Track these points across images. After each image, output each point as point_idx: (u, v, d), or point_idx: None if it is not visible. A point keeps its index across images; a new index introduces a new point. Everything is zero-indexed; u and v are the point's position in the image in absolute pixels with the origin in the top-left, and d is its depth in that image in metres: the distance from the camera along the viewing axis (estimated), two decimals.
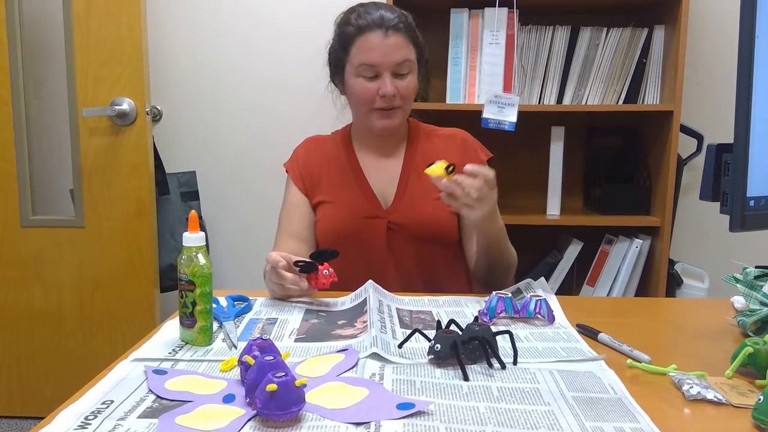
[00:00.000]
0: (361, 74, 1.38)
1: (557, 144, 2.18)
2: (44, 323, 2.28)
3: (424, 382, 0.81)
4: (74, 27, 2.13)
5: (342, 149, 1.51)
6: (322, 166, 1.49)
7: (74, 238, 2.23)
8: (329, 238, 1.42)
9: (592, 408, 0.74)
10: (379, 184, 1.46)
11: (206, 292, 0.95)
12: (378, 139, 1.48)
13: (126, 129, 2.17)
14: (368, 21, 1.36)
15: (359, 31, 1.37)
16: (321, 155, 1.51)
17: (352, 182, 1.46)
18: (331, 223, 1.43)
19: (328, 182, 1.47)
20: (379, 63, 1.35)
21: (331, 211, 1.44)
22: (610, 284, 2.19)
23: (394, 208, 1.43)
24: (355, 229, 1.41)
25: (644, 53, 2.11)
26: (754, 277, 1.06)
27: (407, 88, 1.38)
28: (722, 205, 0.91)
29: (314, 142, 1.56)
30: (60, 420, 0.71)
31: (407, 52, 1.37)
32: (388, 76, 1.35)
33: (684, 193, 2.28)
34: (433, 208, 1.40)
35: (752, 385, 0.83)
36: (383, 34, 1.35)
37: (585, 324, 1.04)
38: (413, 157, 1.48)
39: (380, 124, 1.41)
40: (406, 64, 1.37)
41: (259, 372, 0.73)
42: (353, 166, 1.48)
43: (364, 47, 1.36)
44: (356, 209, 1.42)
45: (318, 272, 1.14)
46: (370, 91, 1.37)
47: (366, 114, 1.41)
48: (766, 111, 0.88)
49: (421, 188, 1.43)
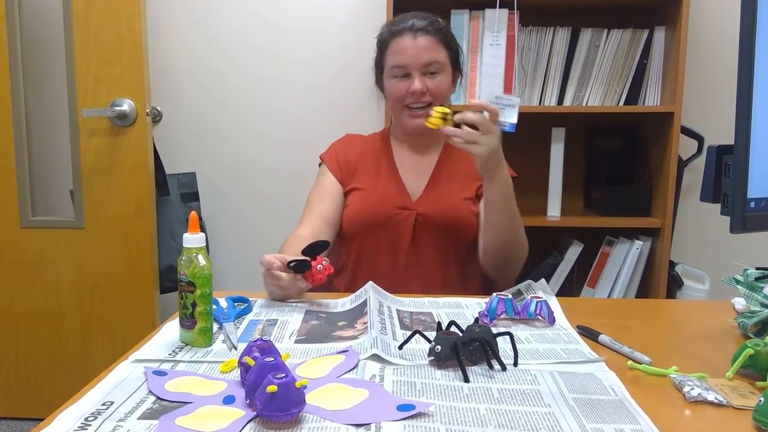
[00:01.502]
0: (393, 75, 1.47)
1: (558, 145, 2.18)
2: (44, 324, 2.28)
3: (424, 383, 0.81)
4: (74, 27, 2.13)
5: (379, 145, 1.59)
6: (359, 158, 1.56)
7: (74, 239, 2.23)
8: (358, 223, 1.48)
9: (592, 409, 0.74)
10: (411, 178, 1.53)
11: (206, 293, 0.95)
12: (412, 139, 1.55)
13: (126, 130, 2.17)
14: (400, 27, 1.47)
15: (391, 36, 1.48)
16: (359, 149, 1.58)
17: (386, 173, 1.53)
18: (361, 209, 1.49)
19: (363, 172, 1.54)
20: (408, 63, 1.44)
21: (362, 197, 1.50)
22: (611, 286, 2.19)
23: (423, 201, 1.49)
24: (384, 218, 1.47)
25: (645, 54, 2.11)
26: (755, 278, 1.06)
27: (438, 87, 1.45)
28: (723, 206, 0.91)
29: (353, 138, 1.64)
30: (60, 421, 0.71)
31: (436, 53, 1.45)
32: (417, 75, 1.44)
33: (684, 195, 2.28)
34: (460, 205, 1.49)
35: (753, 387, 0.83)
36: (412, 37, 1.44)
37: (585, 325, 1.04)
38: (448, 157, 1.55)
39: (411, 123, 1.48)
40: (435, 64, 1.44)
41: (259, 373, 0.73)
42: (388, 160, 1.55)
43: (395, 50, 1.46)
44: (387, 199, 1.49)
45: (312, 269, 1.15)
46: (400, 89, 1.46)
47: (399, 112, 1.50)
48: (766, 112, 0.88)
49: (450, 186, 1.51)
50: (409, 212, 1.47)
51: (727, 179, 0.90)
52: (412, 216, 1.47)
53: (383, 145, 1.58)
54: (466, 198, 1.50)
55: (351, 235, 1.50)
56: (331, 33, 2.38)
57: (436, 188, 1.51)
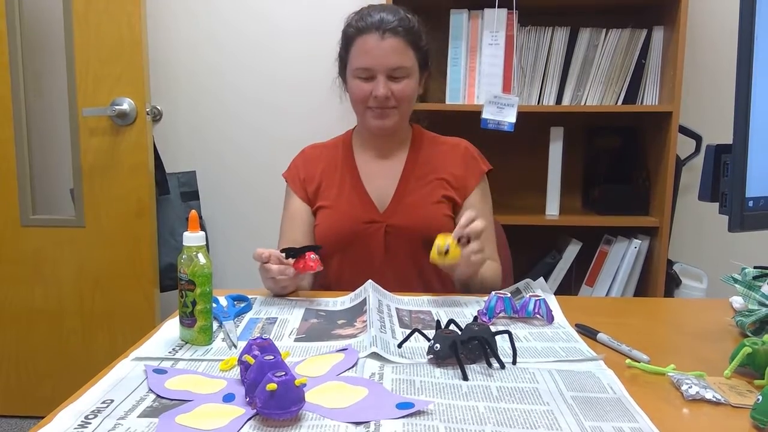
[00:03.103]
0: (357, 75, 1.39)
1: (556, 144, 2.19)
2: (44, 323, 2.28)
3: (423, 381, 0.81)
4: (74, 26, 2.13)
5: (341, 154, 1.51)
6: (321, 173, 1.49)
7: (74, 237, 2.23)
8: (328, 243, 1.42)
9: (591, 408, 0.75)
10: (377, 187, 1.46)
11: (206, 291, 0.95)
12: (376, 140, 1.49)
13: (126, 129, 2.17)
14: (367, 23, 1.38)
15: (357, 32, 1.39)
16: (319, 163, 1.51)
17: (349, 187, 1.46)
18: (328, 228, 1.44)
19: (327, 188, 1.47)
20: (372, 66, 1.36)
21: (329, 216, 1.45)
22: (609, 284, 2.19)
23: (392, 211, 1.43)
24: (353, 235, 1.41)
25: (643, 54, 2.11)
26: (753, 277, 1.06)
27: (402, 91, 1.39)
28: (721, 205, 0.91)
29: (312, 151, 1.56)
30: (60, 419, 0.71)
31: (403, 58, 1.38)
32: (382, 79, 1.37)
33: (682, 194, 2.28)
34: (431, 212, 1.42)
35: (751, 385, 0.83)
36: (379, 37, 1.36)
37: (584, 324, 1.04)
38: (415, 162, 1.48)
39: (374, 123, 1.42)
40: (401, 69, 1.37)
41: (259, 371, 0.73)
42: (351, 171, 1.48)
43: (360, 50, 1.38)
44: (353, 214, 1.43)
45: (305, 256, 1.18)
46: (364, 91, 1.39)
47: (362, 113, 1.43)
48: (765, 112, 0.88)
49: (419, 192, 1.44)
50: (378, 225, 1.41)
51: (726, 178, 0.91)
52: (381, 228, 1.41)
53: (345, 154, 1.51)
54: (436, 202, 1.44)
55: (327, 252, 1.43)
56: (331, 31, 2.36)
57: (404, 195, 1.44)
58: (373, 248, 1.41)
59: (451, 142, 1.53)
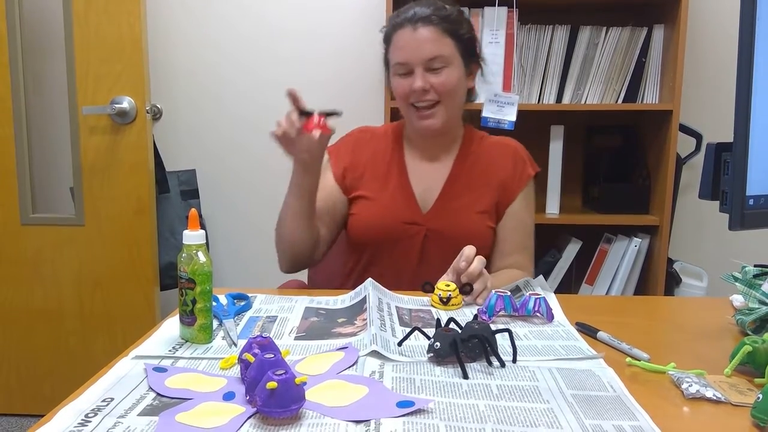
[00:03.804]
0: (397, 72, 1.36)
1: (556, 143, 2.19)
2: (44, 321, 2.28)
3: (423, 380, 0.81)
4: (74, 25, 2.13)
5: (391, 146, 1.46)
6: (367, 162, 1.44)
7: (74, 236, 2.23)
8: (364, 237, 1.39)
9: (591, 406, 0.74)
10: (422, 188, 1.42)
11: (206, 290, 0.95)
12: (424, 141, 1.44)
13: (126, 127, 2.17)
14: (401, 18, 1.34)
15: (393, 29, 1.36)
16: (367, 150, 1.46)
17: (395, 183, 1.41)
18: (366, 221, 1.40)
19: (372, 178, 1.43)
20: (408, 60, 1.32)
21: (367, 208, 1.40)
22: (609, 283, 2.19)
23: (434, 214, 1.39)
24: (392, 234, 1.37)
25: (643, 52, 2.11)
26: (753, 275, 1.06)
27: (443, 83, 1.33)
28: (722, 203, 0.91)
29: (361, 135, 1.50)
30: (60, 417, 0.71)
31: (439, 46, 1.32)
32: (419, 71, 1.32)
33: (683, 192, 2.28)
34: (474, 221, 1.38)
35: (751, 384, 0.83)
36: (412, 29, 1.32)
37: (584, 322, 1.04)
38: (463, 164, 1.44)
39: (420, 124, 1.37)
40: (439, 59, 1.32)
41: (259, 369, 0.73)
42: (399, 166, 1.43)
43: (396, 45, 1.35)
44: (395, 212, 1.38)
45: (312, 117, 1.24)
46: (404, 88, 1.34)
47: (406, 112, 1.39)
48: (765, 110, 0.88)
49: (465, 198, 1.40)
50: (418, 228, 1.37)
51: (726, 176, 0.91)
52: (422, 232, 1.37)
53: (395, 147, 1.46)
54: (480, 212, 1.39)
55: (356, 244, 1.42)
56: (330, 32, 2.38)
57: (449, 200, 1.40)
58: (408, 251, 1.37)
59: (501, 142, 1.49)
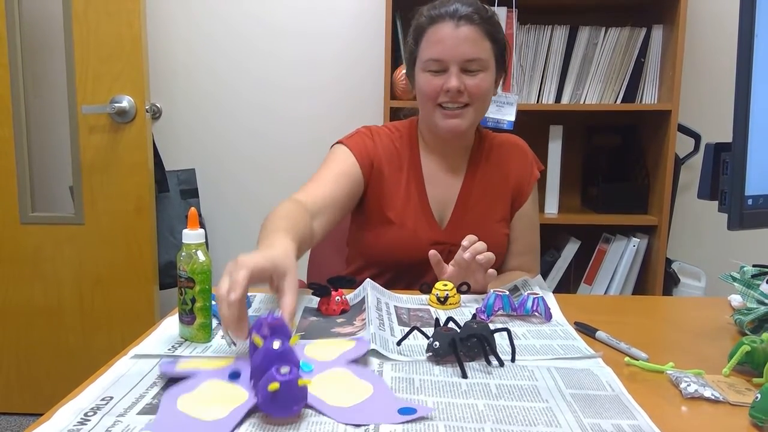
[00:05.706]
0: (428, 68, 1.28)
1: (555, 143, 2.19)
2: (44, 320, 2.28)
3: (422, 379, 0.81)
4: (74, 24, 2.13)
5: (406, 149, 1.40)
6: (385, 159, 1.38)
7: (74, 235, 2.23)
8: (388, 259, 1.35)
9: (590, 405, 0.75)
10: (438, 198, 1.38)
11: (206, 289, 0.95)
12: (443, 144, 1.38)
13: (125, 126, 2.17)
14: (440, 12, 1.27)
15: (430, 21, 1.29)
16: (386, 146, 1.39)
17: (415, 198, 1.36)
18: (394, 248, 1.35)
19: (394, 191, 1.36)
20: (445, 57, 1.26)
21: (396, 234, 1.35)
22: (608, 282, 2.19)
23: (453, 229, 1.36)
24: (417, 256, 1.30)
25: (642, 52, 2.11)
26: (752, 275, 1.07)
27: (478, 87, 1.27)
28: (720, 203, 0.91)
29: (379, 130, 1.42)
30: (59, 416, 0.71)
31: (479, 48, 1.26)
32: (455, 71, 1.26)
33: (681, 192, 2.28)
34: (493, 232, 1.36)
35: (749, 383, 0.83)
36: (454, 26, 1.25)
37: (582, 322, 1.04)
38: (475, 171, 1.40)
39: (445, 123, 1.30)
40: (478, 61, 1.26)
41: (264, 360, 0.71)
42: (416, 175, 1.38)
43: (432, 39, 1.27)
44: (418, 234, 1.35)
45: (330, 298, 1.10)
46: (434, 86, 1.27)
47: (431, 111, 1.31)
48: (764, 110, 0.88)
49: (481, 207, 1.38)
50: (441, 246, 1.30)
51: (725, 176, 0.91)
52: (445, 249, 1.30)
53: (411, 153, 1.39)
54: (497, 220, 1.37)
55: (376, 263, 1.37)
56: (329, 33, 2.38)
57: (466, 211, 1.35)
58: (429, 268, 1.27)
59: (509, 141, 1.46)
